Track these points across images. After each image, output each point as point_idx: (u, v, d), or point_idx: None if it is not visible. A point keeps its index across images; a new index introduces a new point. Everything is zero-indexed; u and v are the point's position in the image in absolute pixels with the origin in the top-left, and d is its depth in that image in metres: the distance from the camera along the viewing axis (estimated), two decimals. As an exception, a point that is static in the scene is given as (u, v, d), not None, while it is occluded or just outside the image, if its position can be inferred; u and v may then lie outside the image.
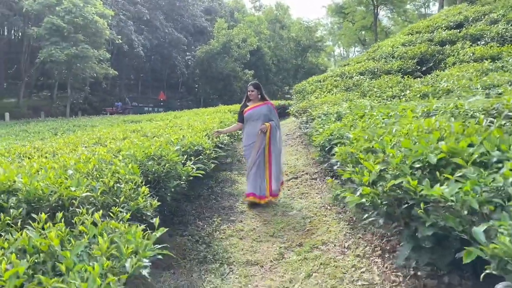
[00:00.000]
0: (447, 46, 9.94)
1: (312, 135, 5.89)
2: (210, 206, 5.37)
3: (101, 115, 29.47)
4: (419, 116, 3.84)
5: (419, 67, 9.43)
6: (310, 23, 56.06)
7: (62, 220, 2.24)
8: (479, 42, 9.53)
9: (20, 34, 38.93)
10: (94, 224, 2.27)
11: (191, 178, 4.01)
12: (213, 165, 5.18)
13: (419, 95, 6.27)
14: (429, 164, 2.41)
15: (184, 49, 43.83)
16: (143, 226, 2.31)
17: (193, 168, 4.02)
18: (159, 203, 2.95)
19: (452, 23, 11.79)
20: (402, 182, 2.26)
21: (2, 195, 2.66)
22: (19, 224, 2.29)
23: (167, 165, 3.69)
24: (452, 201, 1.93)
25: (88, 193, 2.68)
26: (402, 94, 6.98)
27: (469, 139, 2.54)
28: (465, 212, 1.88)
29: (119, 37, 28.53)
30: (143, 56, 37.85)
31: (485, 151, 2.33)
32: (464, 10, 12.77)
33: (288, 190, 5.99)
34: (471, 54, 8.65)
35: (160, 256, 2.24)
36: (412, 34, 12.89)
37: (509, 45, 8.61)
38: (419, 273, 2.69)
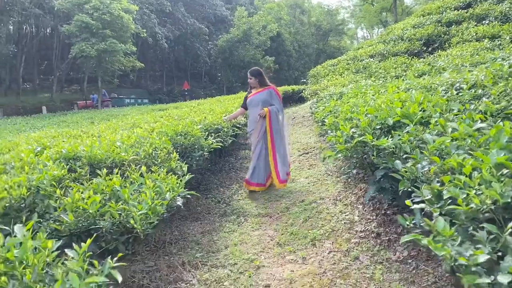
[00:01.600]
0: (453, 26, 10.33)
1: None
2: (230, 177, 6.26)
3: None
4: (401, 91, 4.54)
5: (425, 48, 9.93)
6: (331, 6, 55.85)
7: (118, 173, 3.14)
8: (483, 22, 9.90)
9: (49, 31, 40.88)
10: (141, 176, 3.17)
11: (212, 149, 4.87)
12: (230, 141, 6.00)
13: (416, 74, 6.89)
14: (388, 125, 3.18)
15: (206, 39, 44.77)
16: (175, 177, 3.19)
17: (213, 142, 4.89)
18: (187, 165, 3.82)
19: (461, 3, 12.09)
20: (364, 138, 3.04)
21: (70, 160, 3.60)
22: (87, 178, 3.22)
23: (192, 139, 4.57)
24: (393, 148, 2.71)
25: (134, 157, 3.59)
26: (404, 74, 7.59)
27: (422, 106, 3.31)
28: (401, 155, 2.65)
29: (144, 30, 29.72)
30: (167, 48, 38.96)
31: (429, 114, 3.08)
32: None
33: (299, 163, 6.79)
34: (474, 34, 9.07)
35: (188, 196, 3.13)
36: (424, 16, 13.26)
37: (510, 23, 9.00)
38: (388, 212, 3.47)
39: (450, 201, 1.80)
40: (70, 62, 34.96)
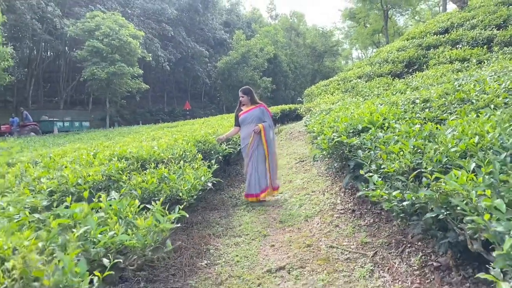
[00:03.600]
0: (431, 50, 11.65)
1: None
2: (237, 179, 7.40)
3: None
4: (374, 106, 5.75)
5: (406, 70, 11.21)
6: (325, 29, 57.97)
7: (162, 167, 4.30)
8: (457, 46, 11.23)
9: (56, 55, 42.50)
10: (180, 168, 4.33)
11: (225, 154, 6.03)
12: (239, 148, 7.14)
13: (394, 92, 8.12)
14: (358, 130, 4.37)
15: (206, 61, 46.52)
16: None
17: (226, 148, 6.07)
18: (208, 163, 4.99)
19: (440, 29, 13.50)
20: (340, 138, 4.21)
21: (121, 159, 4.76)
22: (139, 170, 4.37)
23: (209, 145, 5.75)
24: (359, 143, 3.89)
25: (170, 156, 4.75)
26: (384, 92, 8.83)
27: (385, 115, 4.51)
28: (364, 148, 3.81)
29: (150, 54, 31.33)
30: (168, 70, 40.52)
31: (388, 121, 4.27)
32: (453, 16, 14.45)
33: (296, 169, 7.95)
34: (448, 57, 10.39)
35: (215, 182, 4.30)
36: (408, 40, 14.66)
37: (480, 47, 10.32)
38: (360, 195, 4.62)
39: (385, 168, 2.97)
40: (75, 84, 36.48)
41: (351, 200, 4.70)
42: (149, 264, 3.64)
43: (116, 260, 2.10)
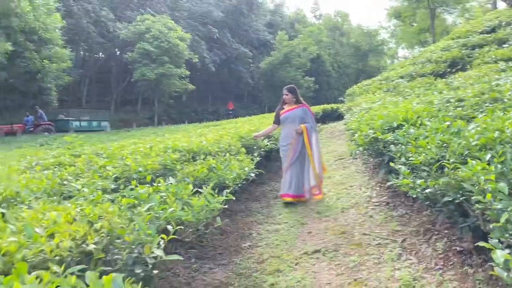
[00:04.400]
0: (476, 49, 11.47)
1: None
2: (278, 175, 7.78)
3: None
4: (412, 104, 5.95)
5: (449, 70, 11.11)
6: (370, 28, 57.04)
7: (210, 159, 4.78)
8: (504, 45, 10.99)
9: (105, 56, 44.89)
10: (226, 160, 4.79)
11: (267, 149, 6.46)
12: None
13: (434, 92, 8.20)
14: (393, 127, 4.63)
15: (249, 62, 47.31)
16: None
17: (267, 144, 6.49)
18: (251, 156, 5.43)
19: (487, 28, 13.17)
20: (375, 135, 4.50)
21: (174, 152, 5.29)
22: (190, 161, 4.87)
23: (252, 141, 6.19)
24: (392, 140, 4.17)
25: (217, 149, 5.24)
26: (425, 92, 8.90)
27: (417, 113, 4.74)
28: (396, 143, 4.08)
29: (196, 56, 32.51)
30: (213, 71, 41.63)
31: (421, 119, 4.50)
32: (502, 14, 14.04)
33: (336, 166, 8.22)
34: (493, 57, 10.23)
35: (257, 173, 4.72)
36: (453, 39, 14.41)
37: (527, 47, 10.08)
38: (395, 189, 4.87)
39: (413, 160, 3.26)
40: (125, 85, 38.45)
41: (386, 193, 4.97)
42: (199, 244, 4.14)
43: (177, 227, 2.55)
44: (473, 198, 2.16)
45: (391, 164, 3.48)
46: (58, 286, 1.41)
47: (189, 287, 3.29)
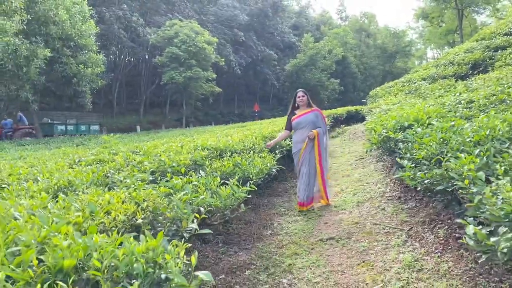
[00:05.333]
0: (499, 51, 11.52)
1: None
2: (300, 173, 8.23)
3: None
4: (426, 106, 6.25)
5: (471, 72, 11.20)
6: (397, 29, 56.49)
7: (236, 156, 5.27)
8: (527, 47, 11.02)
9: (135, 60, 46.38)
10: (250, 157, 5.27)
11: (288, 148, 6.89)
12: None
13: (458, 93, 8.42)
14: (404, 127, 4.99)
15: (274, 64, 47.83)
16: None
17: (289, 144, 6.92)
18: (273, 155, 5.88)
19: (511, 29, 13.17)
20: (388, 134, 4.87)
21: (203, 149, 5.81)
22: (218, 158, 5.38)
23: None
24: (402, 138, 4.54)
25: (242, 148, 5.72)
26: (445, 94, 9.12)
27: (428, 114, 5.07)
28: (405, 143, 4.45)
29: (223, 59, 33.32)
30: (239, 74, 42.36)
31: (431, 119, 4.85)
32: (528, 15, 13.96)
33: (355, 165, 8.57)
34: (516, 59, 10.31)
35: (278, 168, 5.17)
36: (477, 41, 14.42)
37: (552, 48, 10.10)
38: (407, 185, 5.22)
39: (416, 155, 3.64)
40: (154, 88, 39.69)
41: (399, 189, 5.32)
42: (225, 232, 4.63)
43: (208, 208, 3.04)
44: (455, 184, 2.55)
45: (397, 159, 3.86)
46: (122, 240, 1.90)
47: (216, 266, 3.76)
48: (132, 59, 45.31)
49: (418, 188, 3.52)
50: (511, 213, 2.00)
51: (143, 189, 3.13)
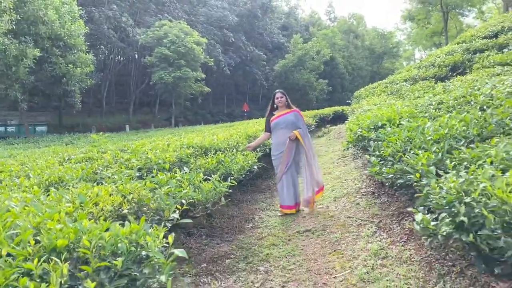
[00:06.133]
0: (477, 54, 11.94)
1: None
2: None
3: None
4: (400, 106, 6.57)
5: (450, 73, 11.60)
6: (385, 30, 57.26)
7: (220, 153, 5.52)
8: (504, 50, 11.43)
9: (124, 60, 46.33)
10: (233, 155, 5.53)
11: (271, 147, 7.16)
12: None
13: (432, 94, 8.76)
14: (378, 126, 5.29)
15: (264, 64, 48.19)
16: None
17: (272, 142, 7.20)
18: (256, 153, 6.15)
19: (490, 33, 13.59)
20: (362, 133, 5.17)
21: (189, 147, 6.06)
22: (202, 156, 5.63)
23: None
24: (374, 137, 4.84)
25: (226, 146, 5.98)
26: (423, 95, 9.47)
27: (400, 114, 5.39)
28: (375, 141, 4.75)
29: (212, 59, 33.54)
30: (229, 74, 42.60)
31: (403, 119, 5.16)
32: (506, 19, 14.41)
33: (337, 164, 8.89)
34: (492, 61, 10.72)
35: (260, 166, 5.45)
36: (458, 43, 14.87)
37: (527, 51, 10.53)
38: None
39: (383, 153, 3.94)
40: (143, 87, 39.75)
41: (373, 185, 5.62)
42: (209, 226, 4.88)
43: (190, 200, 3.30)
44: (408, 177, 2.84)
45: (366, 156, 4.15)
46: (108, 226, 2.15)
47: (199, 256, 4.02)
48: (121, 59, 45.26)
49: (386, 183, 3.81)
50: (451, 201, 2.30)
51: (130, 184, 3.38)
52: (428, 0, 39.04)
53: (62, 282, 1.60)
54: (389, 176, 3.50)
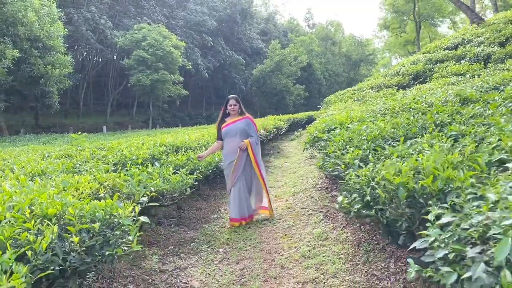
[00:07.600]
0: (438, 64, 12.88)
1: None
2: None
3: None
4: (354, 112, 7.27)
5: (412, 82, 12.48)
6: (363, 38, 58.82)
7: (190, 151, 6.06)
8: (461, 61, 12.40)
9: (102, 62, 46.14)
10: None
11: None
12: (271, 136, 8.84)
13: (385, 101, 9.52)
14: (331, 129, 5.94)
15: (243, 69, 48.89)
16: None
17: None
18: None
19: (452, 44, 14.61)
20: (317, 134, 5.82)
21: (162, 146, 6.59)
22: (173, 154, 6.16)
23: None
24: (326, 138, 5.49)
25: (197, 145, 6.54)
26: (384, 102, 10.24)
27: (353, 118, 6.07)
28: (325, 141, 5.40)
29: (190, 63, 33.98)
30: (207, 77, 43.05)
31: (352, 123, 5.84)
32: (468, 32, 15.49)
33: (303, 164, 9.54)
34: (450, 71, 11.63)
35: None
36: (423, 53, 15.86)
37: (478, 63, 11.48)
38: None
39: (328, 150, 4.57)
40: (121, 89, 39.81)
41: (328, 181, 6.29)
42: (179, 216, 5.42)
43: (157, 188, 3.85)
44: (337, 168, 3.48)
45: (315, 153, 4.78)
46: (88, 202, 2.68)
47: (167, 241, 4.56)
48: (100, 61, 45.13)
49: (327, 176, 4.45)
50: (362, 186, 2.93)
51: (106, 174, 3.91)
52: (402, 10, 40.67)
53: (53, 237, 2.13)
54: (329, 170, 4.13)
